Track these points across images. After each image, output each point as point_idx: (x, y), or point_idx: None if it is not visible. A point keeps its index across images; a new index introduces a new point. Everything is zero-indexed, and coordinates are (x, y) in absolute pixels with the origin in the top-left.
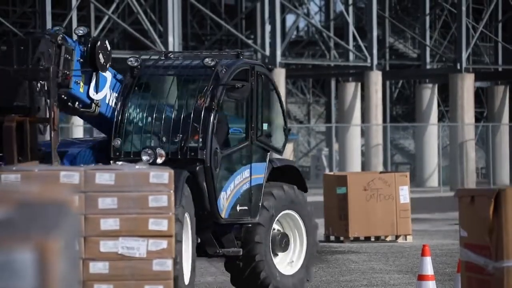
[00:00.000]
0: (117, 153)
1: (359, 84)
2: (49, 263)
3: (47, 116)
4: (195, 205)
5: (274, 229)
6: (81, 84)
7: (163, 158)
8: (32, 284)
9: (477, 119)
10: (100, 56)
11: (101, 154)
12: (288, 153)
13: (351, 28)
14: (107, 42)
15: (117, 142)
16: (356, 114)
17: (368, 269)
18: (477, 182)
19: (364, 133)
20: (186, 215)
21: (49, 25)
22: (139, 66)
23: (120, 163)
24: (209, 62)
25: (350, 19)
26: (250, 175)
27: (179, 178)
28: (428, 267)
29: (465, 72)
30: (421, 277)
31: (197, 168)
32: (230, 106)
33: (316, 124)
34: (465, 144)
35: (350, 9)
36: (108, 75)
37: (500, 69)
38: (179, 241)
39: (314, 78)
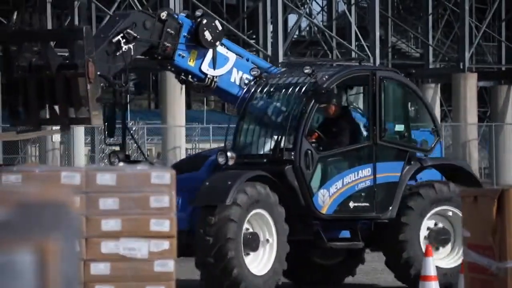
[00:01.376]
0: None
1: None
2: (49, 265)
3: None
4: (293, 203)
5: (437, 224)
6: (190, 58)
7: (233, 160)
8: (32, 286)
9: (480, 119)
10: (206, 33)
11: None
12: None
13: (354, 28)
14: (217, 22)
15: (228, 145)
16: None
17: (371, 270)
18: (480, 182)
19: None
20: (262, 211)
21: (49, 25)
22: (261, 76)
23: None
24: (307, 70)
25: (353, 19)
26: (374, 173)
27: (238, 177)
28: (431, 268)
29: (468, 72)
30: (424, 278)
31: (286, 168)
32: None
33: None
34: (468, 144)
35: (353, 8)
36: (231, 55)
37: (503, 68)
38: (235, 221)
39: None
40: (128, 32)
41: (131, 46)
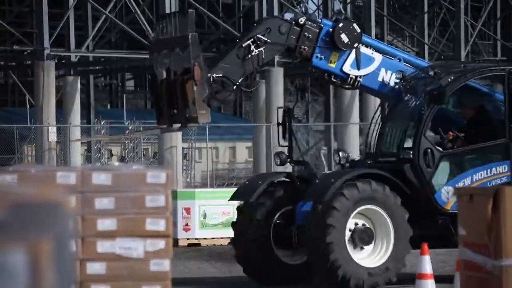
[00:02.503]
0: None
1: None
2: (42, 265)
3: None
4: (416, 201)
5: None
6: (331, 59)
7: (344, 160)
8: (26, 286)
9: None
10: (343, 36)
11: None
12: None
13: None
14: (355, 25)
15: (370, 144)
16: (354, 112)
17: None
18: None
19: (363, 132)
20: (378, 209)
21: (46, 24)
22: (405, 77)
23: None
24: (431, 72)
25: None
26: (511, 170)
27: (343, 175)
28: (427, 266)
29: None
30: (420, 276)
31: (404, 166)
32: None
33: (314, 123)
34: None
35: (348, 7)
36: (377, 55)
37: None
38: (333, 227)
39: (313, 77)
40: (259, 37)
41: (262, 49)
